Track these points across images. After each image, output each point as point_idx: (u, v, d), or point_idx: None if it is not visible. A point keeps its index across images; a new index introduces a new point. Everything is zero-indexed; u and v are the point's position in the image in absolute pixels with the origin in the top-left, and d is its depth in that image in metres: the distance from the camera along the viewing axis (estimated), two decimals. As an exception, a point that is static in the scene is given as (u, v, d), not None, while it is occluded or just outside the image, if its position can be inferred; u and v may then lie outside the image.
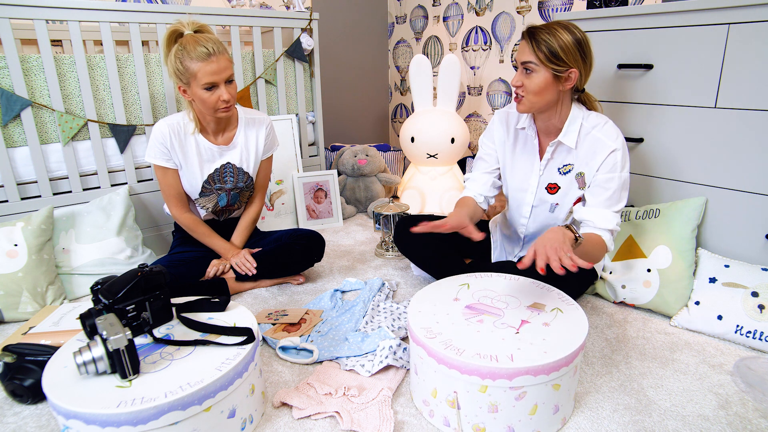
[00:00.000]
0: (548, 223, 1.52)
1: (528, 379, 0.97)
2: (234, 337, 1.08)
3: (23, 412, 1.15)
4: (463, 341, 1.04)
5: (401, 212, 2.04)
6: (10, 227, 1.63)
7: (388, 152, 2.97)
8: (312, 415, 1.11)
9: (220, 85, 1.51)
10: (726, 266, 1.46)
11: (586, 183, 1.40)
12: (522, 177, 1.51)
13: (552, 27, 1.29)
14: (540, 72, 1.30)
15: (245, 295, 1.75)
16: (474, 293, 1.27)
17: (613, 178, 1.34)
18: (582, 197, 1.43)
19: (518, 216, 1.57)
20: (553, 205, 1.47)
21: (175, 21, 1.53)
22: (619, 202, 1.36)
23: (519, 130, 1.50)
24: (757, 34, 1.39)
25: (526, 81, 1.32)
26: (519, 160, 1.52)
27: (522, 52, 1.32)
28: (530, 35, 1.30)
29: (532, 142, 1.48)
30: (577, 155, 1.40)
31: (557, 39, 1.27)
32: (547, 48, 1.27)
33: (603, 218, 1.34)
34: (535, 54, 1.29)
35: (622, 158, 1.34)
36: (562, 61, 1.28)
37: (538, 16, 2.53)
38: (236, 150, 1.71)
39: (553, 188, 1.46)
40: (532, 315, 1.15)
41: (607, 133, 1.36)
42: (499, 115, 1.56)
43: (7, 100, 1.69)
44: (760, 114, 1.42)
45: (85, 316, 1.02)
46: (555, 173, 1.45)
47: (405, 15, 3.27)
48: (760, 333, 1.33)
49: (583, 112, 1.39)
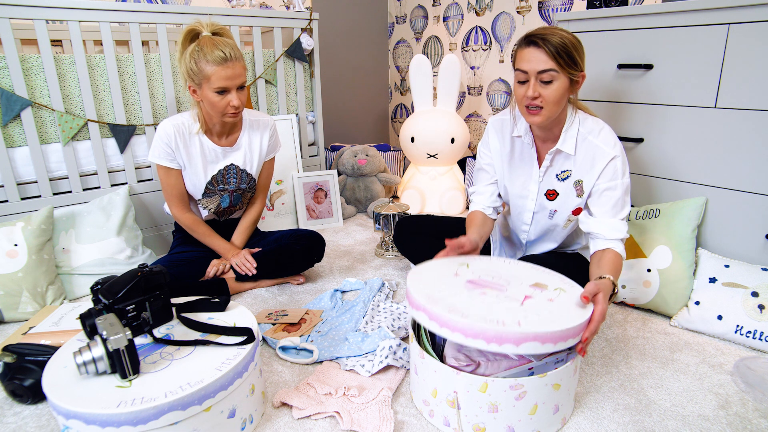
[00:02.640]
0: (549, 229, 1.51)
1: (534, 347, 0.94)
2: (234, 337, 1.08)
3: (23, 412, 1.15)
4: (467, 307, 1.01)
5: (401, 212, 2.04)
6: (10, 227, 1.63)
7: (388, 152, 2.97)
8: (312, 415, 1.11)
9: (232, 90, 1.50)
10: (726, 266, 1.46)
11: (585, 191, 1.37)
12: (521, 185, 1.48)
13: (552, 30, 1.23)
14: (559, 79, 1.23)
15: (245, 295, 1.75)
16: (474, 271, 1.23)
17: (616, 186, 1.32)
18: (585, 207, 1.40)
19: (520, 223, 1.55)
20: (552, 211, 1.45)
21: (194, 20, 1.52)
22: (623, 209, 1.33)
23: (515, 138, 1.46)
24: (757, 34, 1.39)
25: (544, 91, 1.24)
26: (517, 168, 1.48)
27: (533, 60, 1.23)
28: (541, 41, 1.21)
29: (529, 150, 1.44)
30: (575, 161, 1.37)
31: (567, 41, 1.21)
32: (565, 52, 1.20)
33: (612, 229, 1.31)
34: (555, 60, 1.21)
35: (622, 165, 1.32)
36: (577, 64, 1.24)
37: (538, 17, 2.53)
38: (240, 152, 1.71)
39: (552, 195, 1.44)
40: (535, 292, 1.13)
41: (605, 139, 1.33)
42: (493, 124, 1.51)
43: (7, 100, 1.69)
44: (760, 114, 1.42)
45: (85, 316, 1.02)
46: (554, 180, 1.42)
47: (405, 15, 3.27)
48: (760, 333, 1.33)
49: (577, 115, 1.36)
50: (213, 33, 1.51)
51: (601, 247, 1.31)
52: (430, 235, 1.69)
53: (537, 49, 1.22)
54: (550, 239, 1.54)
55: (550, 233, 1.52)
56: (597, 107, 1.80)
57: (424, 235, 1.70)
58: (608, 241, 1.31)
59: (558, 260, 1.45)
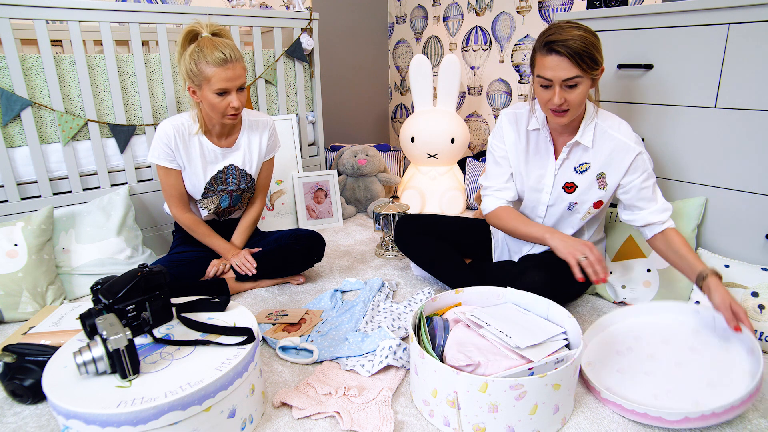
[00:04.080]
0: (563, 221, 1.52)
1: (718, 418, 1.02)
2: (234, 337, 1.08)
3: (23, 412, 1.15)
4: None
5: (401, 212, 2.04)
6: (10, 227, 1.63)
7: (388, 152, 2.97)
8: (312, 415, 1.11)
9: (232, 91, 1.50)
10: (726, 266, 1.46)
11: (608, 184, 1.41)
12: (536, 178, 1.49)
13: (570, 31, 1.21)
14: (583, 82, 1.24)
15: (245, 295, 1.75)
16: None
17: (649, 177, 1.38)
18: (620, 203, 1.45)
19: (533, 216, 1.56)
20: (572, 204, 1.46)
21: (194, 21, 1.51)
22: (658, 191, 1.40)
23: (530, 131, 1.47)
24: (757, 34, 1.39)
25: (569, 96, 1.25)
26: (533, 161, 1.49)
27: (557, 69, 1.22)
28: (562, 47, 1.20)
29: (546, 143, 1.45)
30: (595, 154, 1.39)
31: (587, 41, 1.20)
32: (588, 56, 1.20)
33: (662, 211, 1.38)
34: (580, 67, 1.21)
35: (648, 158, 1.38)
36: (598, 62, 1.25)
37: (538, 17, 2.53)
38: (239, 152, 1.71)
39: (570, 187, 1.45)
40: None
41: (627, 134, 1.37)
42: (507, 117, 1.51)
43: (7, 100, 1.69)
44: (760, 114, 1.42)
45: (85, 316, 1.02)
46: (571, 172, 1.44)
47: (405, 15, 3.27)
48: (760, 333, 1.33)
49: (592, 108, 1.39)
50: (212, 33, 1.51)
51: (659, 230, 1.38)
52: (430, 234, 1.69)
53: (560, 57, 1.21)
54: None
55: (564, 227, 1.53)
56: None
57: (424, 235, 1.69)
58: (664, 225, 1.38)
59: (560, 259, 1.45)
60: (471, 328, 1.21)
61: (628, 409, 1.07)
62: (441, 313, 1.33)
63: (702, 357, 1.19)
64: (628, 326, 1.36)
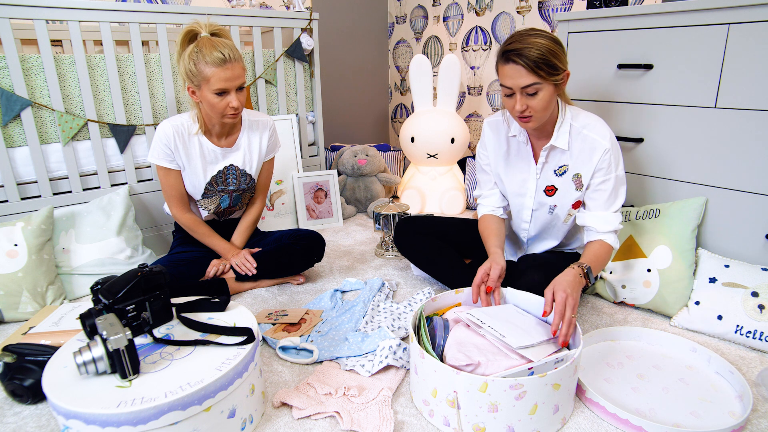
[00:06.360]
0: (549, 225, 1.52)
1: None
2: (234, 337, 1.08)
3: (23, 412, 1.15)
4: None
5: (401, 212, 2.04)
6: (10, 227, 1.63)
7: (388, 152, 2.97)
8: (312, 415, 1.11)
9: (231, 91, 1.50)
10: (726, 266, 1.46)
11: (584, 184, 1.40)
12: (519, 183, 1.50)
13: (528, 39, 1.22)
14: (544, 88, 1.24)
15: (245, 295, 1.75)
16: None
17: (609, 179, 1.35)
18: (582, 201, 1.43)
19: (519, 221, 1.57)
20: (552, 207, 1.47)
21: (192, 21, 1.51)
22: (616, 201, 1.37)
23: (511, 137, 1.48)
24: (757, 34, 1.39)
25: (531, 102, 1.26)
26: (514, 166, 1.50)
27: (515, 77, 1.23)
28: (518, 56, 1.21)
29: (525, 148, 1.46)
30: (571, 155, 1.39)
31: (544, 48, 1.21)
32: (544, 63, 1.21)
33: (604, 222, 1.36)
34: (535, 73, 1.21)
35: (615, 157, 1.35)
36: (558, 69, 1.24)
37: (538, 17, 2.53)
38: (239, 152, 1.71)
39: (550, 190, 1.45)
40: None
41: (600, 132, 1.35)
42: (489, 125, 1.52)
43: (7, 100, 1.69)
44: (760, 114, 1.42)
45: (85, 316, 1.02)
46: (551, 175, 1.44)
47: (405, 15, 3.27)
48: (760, 333, 1.33)
49: (568, 110, 1.38)
50: (211, 33, 1.51)
51: (593, 239, 1.37)
52: (430, 235, 1.70)
53: (516, 66, 1.22)
54: (550, 236, 1.55)
55: (550, 230, 1.53)
56: (597, 107, 1.80)
57: (424, 236, 1.70)
58: (600, 234, 1.36)
59: (558, 260, 1.45)
60: (471, 327, 1.21)
61: (610, 413, 1.07)
62: (441, 313, 1.33)
63: (690, 389, 1.19)
64: (626, 346, 1.37)
